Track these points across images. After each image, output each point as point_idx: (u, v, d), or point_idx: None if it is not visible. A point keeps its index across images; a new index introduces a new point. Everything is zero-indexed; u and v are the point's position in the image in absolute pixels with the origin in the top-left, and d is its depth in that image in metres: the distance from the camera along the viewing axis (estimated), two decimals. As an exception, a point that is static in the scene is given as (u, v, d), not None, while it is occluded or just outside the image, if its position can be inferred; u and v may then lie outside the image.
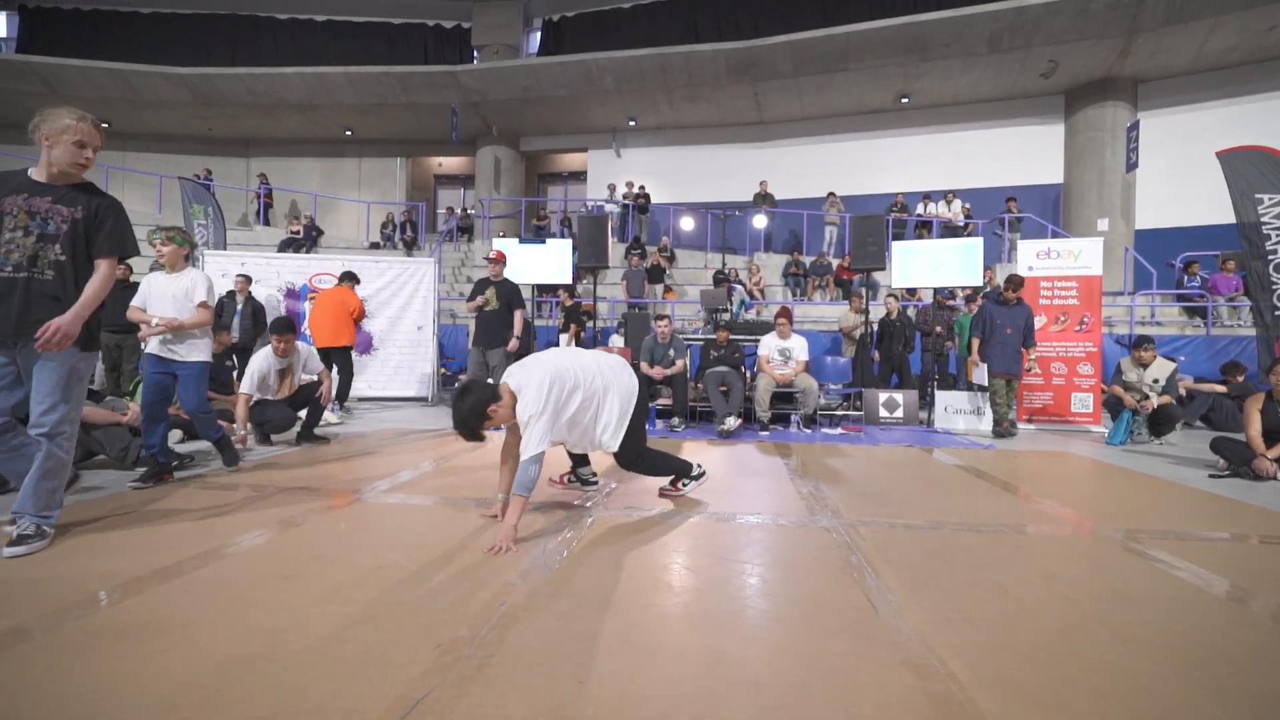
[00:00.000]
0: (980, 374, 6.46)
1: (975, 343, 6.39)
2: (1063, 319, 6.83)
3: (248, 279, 7.42)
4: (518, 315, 6.16)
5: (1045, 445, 5.67)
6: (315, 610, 1.87)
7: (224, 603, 1.92)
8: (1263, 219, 6.95)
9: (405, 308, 8.39)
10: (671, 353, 6.44)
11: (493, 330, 6.06)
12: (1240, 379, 7.14)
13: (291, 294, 8.20)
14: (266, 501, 3.18)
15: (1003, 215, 12.64)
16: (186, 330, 3.58)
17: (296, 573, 2.18)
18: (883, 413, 6.95)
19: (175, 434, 4.79)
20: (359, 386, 8.14)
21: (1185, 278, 11.23)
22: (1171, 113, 12.81)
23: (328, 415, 5.90)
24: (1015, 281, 6.32)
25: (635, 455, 3.11)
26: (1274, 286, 6.99)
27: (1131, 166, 12.11)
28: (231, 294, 7.43)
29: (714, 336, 6.78)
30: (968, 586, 2.16)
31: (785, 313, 6.63)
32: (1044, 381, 6.80)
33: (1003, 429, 6.17)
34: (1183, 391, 6.77)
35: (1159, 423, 5.74)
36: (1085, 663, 1.63)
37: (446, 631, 1.74)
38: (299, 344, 5.22)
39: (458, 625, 1.78)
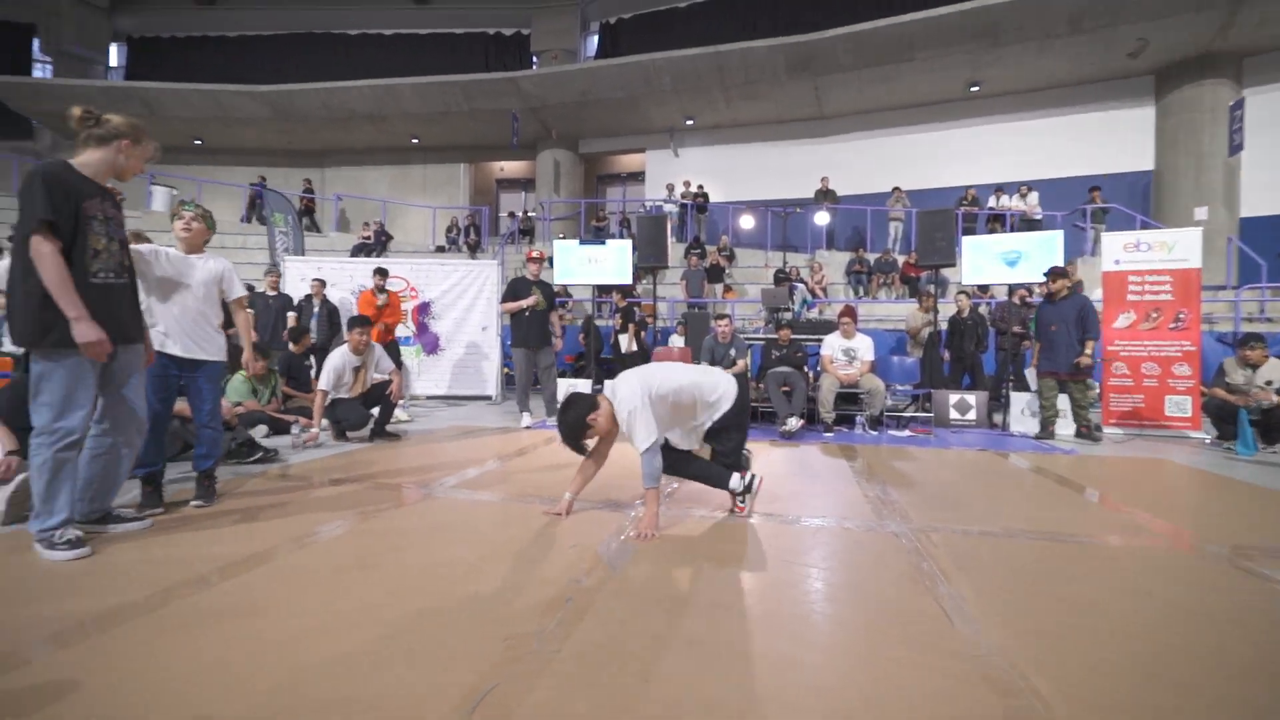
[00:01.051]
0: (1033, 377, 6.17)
1: (1036, 347, 6.09)
2: (1155, 315, 6.36)
3: (323, 283, 7.83)
4: (555, 316, 6.38)
5: (1136, 451, 5.30)
6: (390, 600, 1.95)
7: (310, 589, 2.03)
8: (1392, 203, 6.26)
9: (470, 309, 8.64)
10: (732, 352, 6.37)
11: (543, 330, 6.13)
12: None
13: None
14: (344, 495, 3.34)
15: (1084, 206, 11.88)
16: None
17: (373, 564, 2.28)
18: (953, 415, 6.66)
19: (260, 429, 5.10)
20: (426, 385, 8.46)
21: (1298, 269, 10.27)
22: (1282, 89, 11.73)
23: (398, 413, 6.15)
24: (1055, 272, 5.93)
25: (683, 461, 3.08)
26: (1405, 278, 6.29)
27: (1235, 149, 11.16)
28: (309, 297, 7.86)
29: (775, 336, 6.67)
30: (1052, 600, 2.04)
31: (849, 311, 6.46)
32: (1133, 384, 6.35)
33: (1048, 433, 5.89)
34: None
35: (1272, 429, 5.26)
36: (1186, 689, 1.51)
37: (513, 626, 1.78)
38: (373, 343, 5.47)
39: (525, 620, 1.82)
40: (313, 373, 6.56)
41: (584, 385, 7.43)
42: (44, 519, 2.31)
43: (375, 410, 5.30)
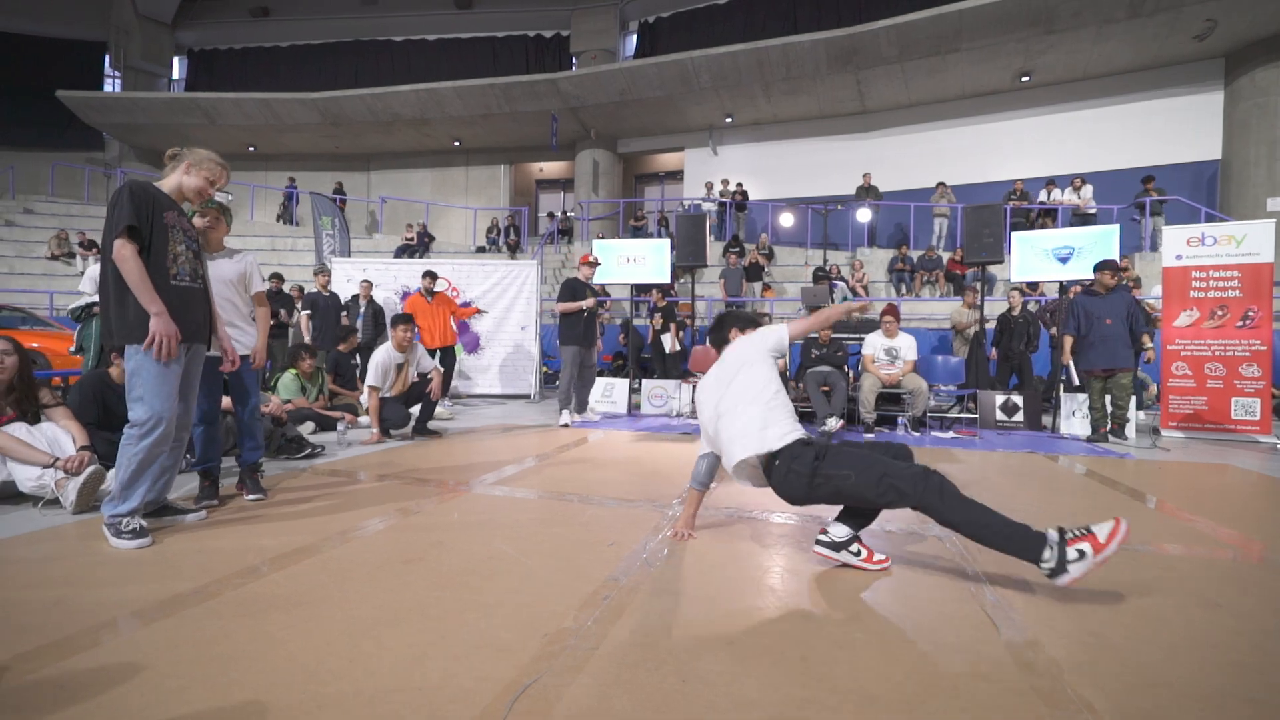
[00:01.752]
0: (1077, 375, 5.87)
1: (1068, 342, 5.76)
2: (1220, 313, 6.03)
3: (369, 284, 8.06)
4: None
5: (1198, 456, 5.04)
6: (434, 594, 2.00)
7: (355, 581, 2.09)
8: None
9: (510, 309, 8.77)
10: (770, 352, 6.30)
11: (595, 330, 6.29)
12: None
13: (407, 296, 8.80)
14: (386, 491, 3.43)
15: (1142, 199, 11.33)
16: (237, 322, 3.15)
17: (416, 558, 2.34)
18: (1000, 416, 6.45)
19: (308, 425, 5.28)
20: (466, 383, 8.63)
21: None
22: (1366, 70, 10.96)
23: (441, 409, 6.28)
24: (1111, 265, 5.65)
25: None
26: None
27: (1312, 136, 10.49)
28: (355, 298, 8.10)
29: (815, 335, 6.58)
30: (1107, 610, 1.96)
31: (892, 310, 6.32)
32: (1196, 385, 6.04)
33: (1099, 435, 5.61)
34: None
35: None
36: (1267, 710, 1.43)
37: (553, 622, 1.80)
38: (415, 342, 5.59)
39: (563, 616, 1.84)
40: (357, 371, 6.76)
41: (622, 385, 7.47)
42: (117, 504, 2.47)
43: (415, 409, 5.42)
